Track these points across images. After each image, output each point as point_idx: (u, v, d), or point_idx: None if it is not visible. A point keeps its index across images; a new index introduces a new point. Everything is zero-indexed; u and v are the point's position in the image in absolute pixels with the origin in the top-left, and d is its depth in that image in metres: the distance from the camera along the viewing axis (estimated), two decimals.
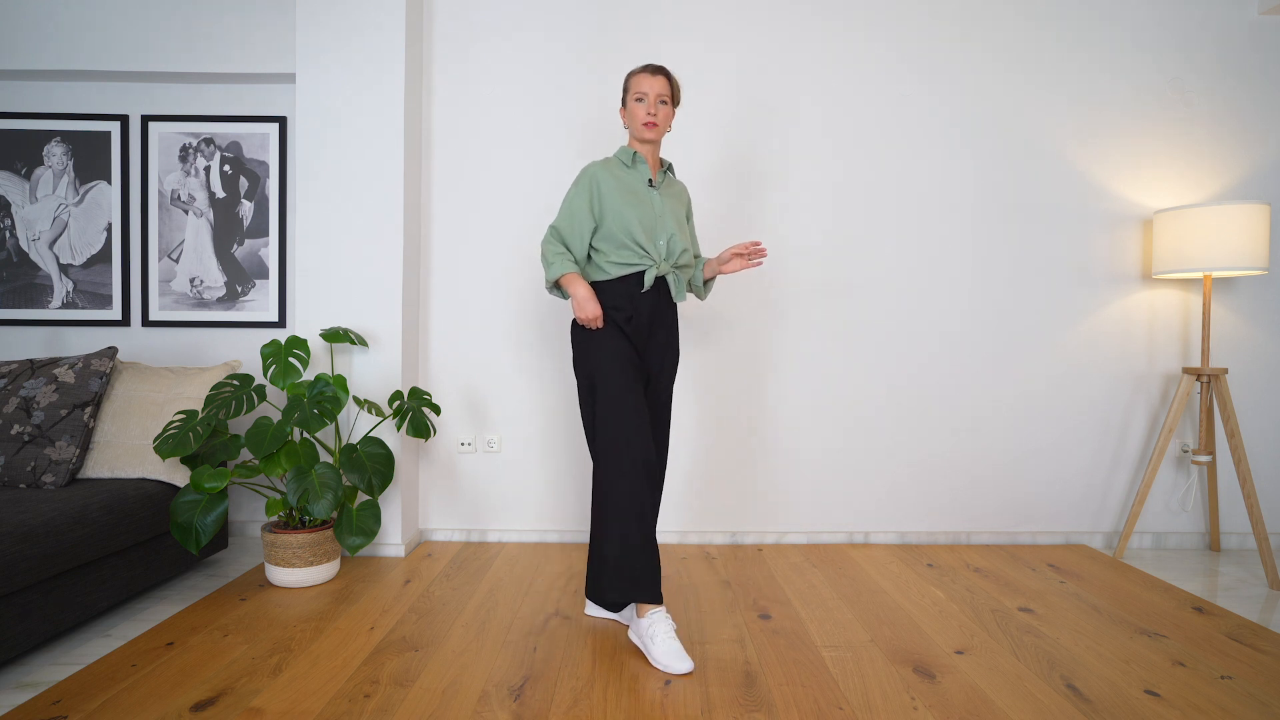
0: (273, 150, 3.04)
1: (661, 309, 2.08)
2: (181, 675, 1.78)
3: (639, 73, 2.06)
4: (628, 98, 2.08)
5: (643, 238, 2.01)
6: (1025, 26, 2.94)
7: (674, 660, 1.82)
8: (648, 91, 2.03)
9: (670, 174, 2.18)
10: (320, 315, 2.71)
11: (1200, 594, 2.47)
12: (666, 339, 2.11)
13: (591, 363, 2.00)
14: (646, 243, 2.01)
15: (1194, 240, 2.67)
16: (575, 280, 1.99)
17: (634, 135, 2.09)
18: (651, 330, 2.07)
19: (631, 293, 2.04)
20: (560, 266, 2.01)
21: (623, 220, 2.01)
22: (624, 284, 2.04)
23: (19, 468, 2.27)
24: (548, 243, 2.06)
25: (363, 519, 2.41)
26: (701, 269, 2.23)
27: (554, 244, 2.06)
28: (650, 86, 2.03)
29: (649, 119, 2.03)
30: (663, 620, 1.89)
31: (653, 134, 2.05)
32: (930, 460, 2.97)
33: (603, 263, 2.04)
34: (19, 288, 3.04)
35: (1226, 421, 2.70)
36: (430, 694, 1.70)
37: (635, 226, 2.00)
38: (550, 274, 2.03)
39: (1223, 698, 1.72)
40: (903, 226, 2.95)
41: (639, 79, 2.06)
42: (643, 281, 2.04)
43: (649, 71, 2.05)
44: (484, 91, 2.91)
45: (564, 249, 2.05)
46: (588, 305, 1.96)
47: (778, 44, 2.92)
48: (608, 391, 1.95)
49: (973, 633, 2.08)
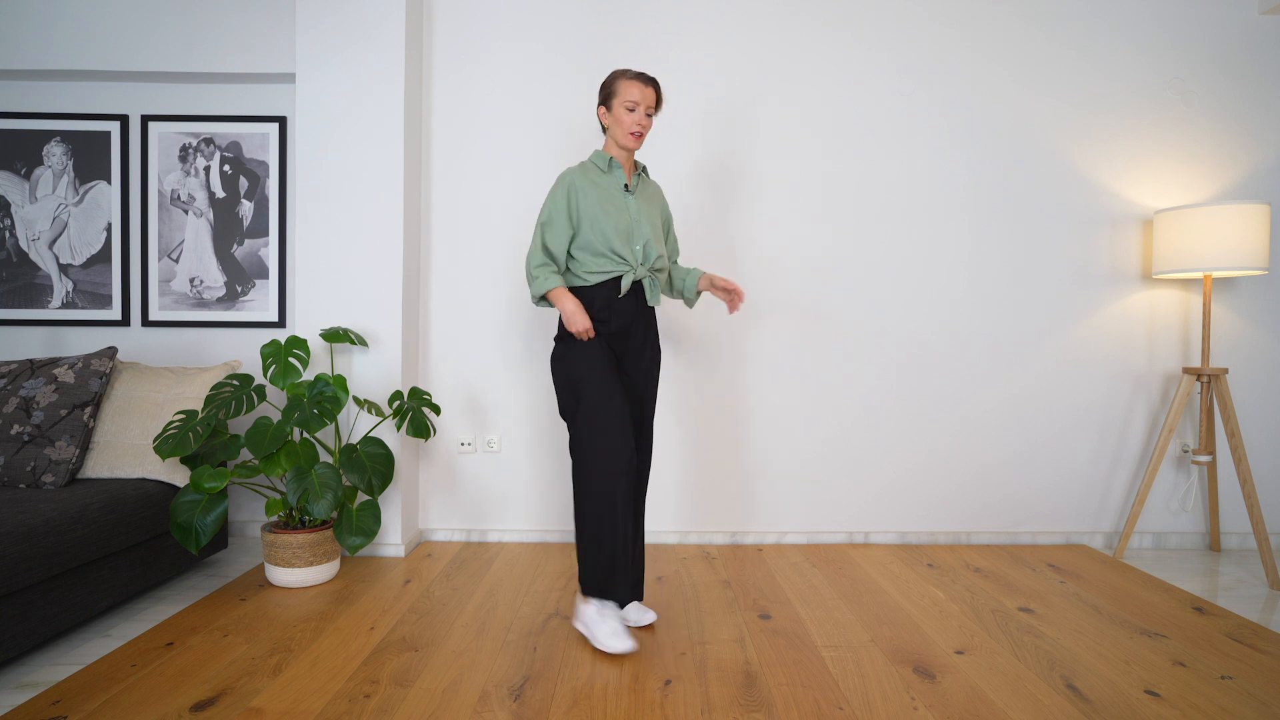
0: (273, 150, 3.04)
1: (639, 312, 2.09)
2: (181, 675, 1.78)
3: (631, 79, 2.01)
4: (614, 101, 2.03)
5: (619, 244, 2.01)
6: (1024, 27, 2.94)
7: (614, 640, 1.88)
8: (639, 101, 2.00)
9: (645, 176, 2.18)
10: (320, 315, 2.71)
11: (1200, 594, 2.47)
12: (644, 340, 2.11)
13: (571, 368, 2.01)
14: (623, 249, 2.02)
15: (1194, 240, 2.66)
16: (563, 295, 1.99)
17: (616, 140, 2.06)
18: (630, 333, 2.08)
19: (610, 298, 2.04)
20: (545, 281, 2.01)
21: (599, 228, 2.01)
22: (602, 289, 2.04)
23: (19, 468, 2.27)
24: (533, 254, 2.06)
25: (363, 519, 2.41)
26: (695, 280, 2.22)
27: (538, 254, 2.05)
28: (643, 96, 2.00)
29: (637, 129, 2.02)
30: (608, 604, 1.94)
31: (637, 144, 2.05)
32: (930, 460, 2.97)
33: (580, 270, 2.05)
34: (19, 288, 3.04)
35: (1227, 421, 2.70)
36: (430, 694, 1.70)
37: (611, 234, 2.01)
38: (536, 289, 2.03)
39: (1223, 698, 1.72)
40: (904, 227, 2.95)
41: (631, 86, 2.00)
42: (619, 287, 2.04)
43: (642, 81, 2.01)
44: (484, 90, 2.91)
45: (548, 260, 2.05)
46: (578, 319, 1.97)
47: (777, 47, 2.92)
48: (589, 396, 1.96)
49: (973, 633, 2.08)
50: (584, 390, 1.97)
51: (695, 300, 2.28)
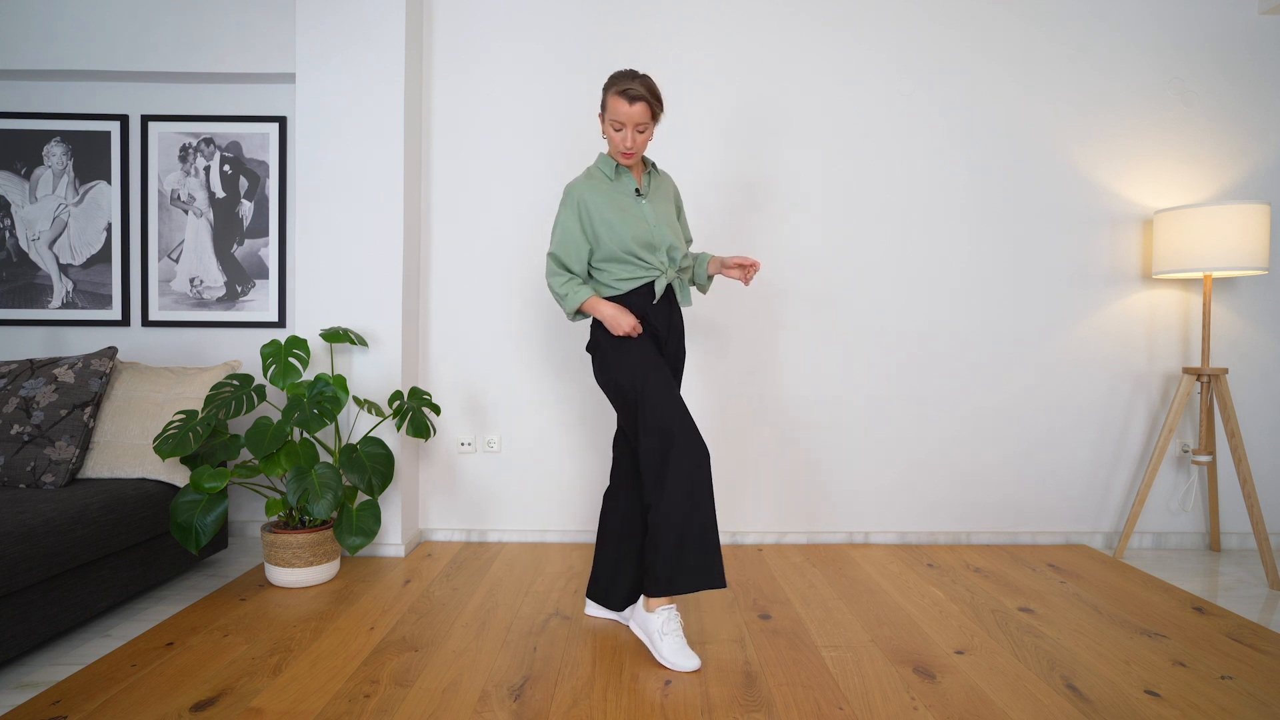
0: (272, 150, 3.04)
1: (672, 315, 2.08)
2: (181, 675, 1.78)
3: (616, 95, 1.91)
4: (605, 116, 1.97)
5: (642, 251, 1.97)
6: (1025, 27, 2.94)
7: (683, 659, 1.82)
8: (625, 122, 1.91)
9: (654, 171, 2.11)
10: (320, 315, 2.71)
11: (1200, 594, 2.47)
12: (678, 343, 2.11)
13: (625, 371, 1.94)
14: (647, 255, 1.98)
15: (1194, 240, 2.66)
16: (598, 302, 1.96)
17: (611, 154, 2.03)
18: (666, 337, 2.06)
19: (644, 304, 2.01)
20: (576, 295, 1.97)
21: (618, 237, 1.96)
22: (636, 296, 2.01)
23: (19, 468, 2.27)
24: (552, 275, 2.02)
25: (363, 519, 2.41)
26: (705, 264, 2.17)
27: (559, 274, 2.01)
28: (628, 117, 1.90)
29: (627, 149, 1.95)
30: (675, 617, 1.89)
31: (631, 161, 2.00)
32: (930, 460, 2.97)
33: (609, 280, 2.01)
34: (19, 288, 3.04)
35: (1227, 421, 2.70)
36: (430, 694, 1.70)
37: (632, 242, 1.96)
38: (569, 305, 1.99)
39: (1223, 698, 1.72)
40: (902, 226, 2.95)
41: (616, 104, 1.90)
42: (653, 292, 2.01)
43: (627, 99, 1.89)
44: (484, 90, 2.91)
45: (569, 275, 2.01)
46: (622, 320, 1.93)
47: (777, 51, 2.92)
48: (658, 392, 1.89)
49: (973, 633, 2.08)
50: (651, 387, 1.90)
51: (709, 285, 2.23)
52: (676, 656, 1.83)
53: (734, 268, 2.10)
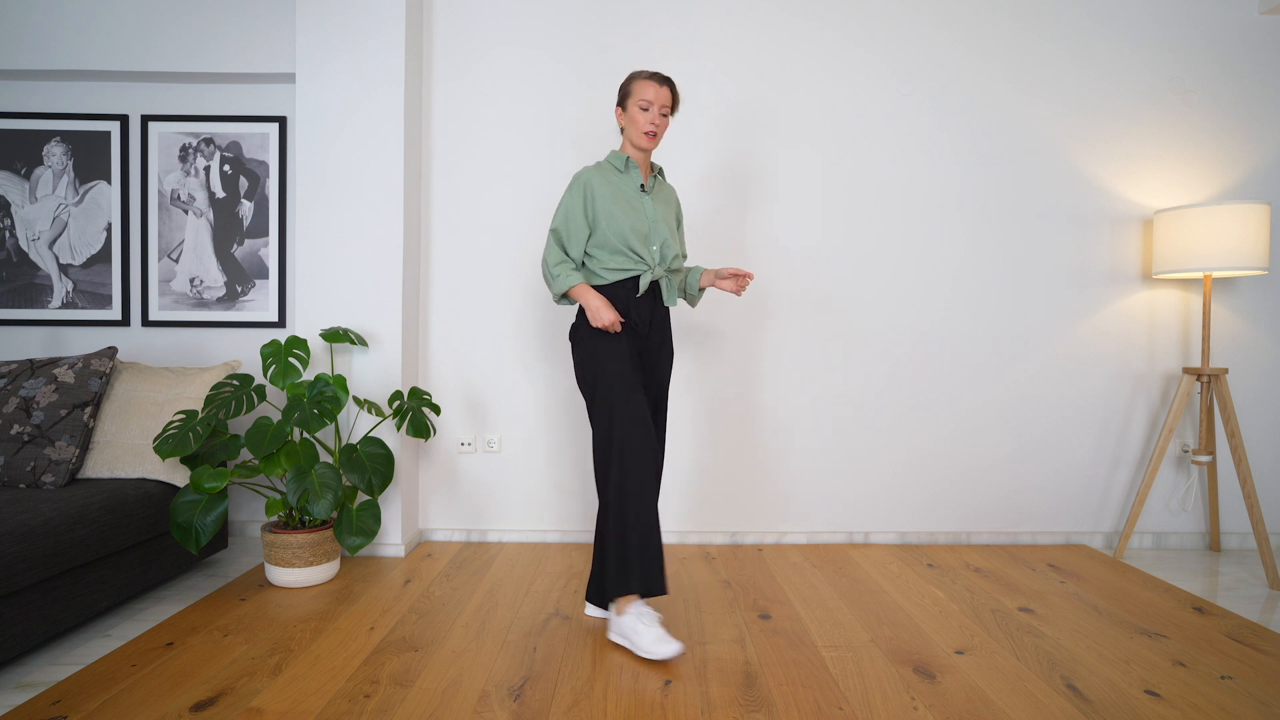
0: (272, 150, 3.04)
1: (656, 312, 2.11)
2: (181, 675, 1.78)
3: (645, 79, 2.02)
4: (629, 101, 2.04)
5: (637, 244, 2.02)
6: (1024, 28, 2.94)
7: (663, 646, 1.84)
8: (653, 100, 2.00)
9: (660, 178, 2.19)
10: (320, 315, 2.71)
11: (1200, 594, 2.47)
12: (661, 340, 2.14)
13: (597, 366, 2.00)
14: (641, 248, 2.03)
15: (1194, 240, 2.67)
16: (585, 290, 2.00)
17: (631, 140, 2.07)
18: (649, 333, 2.10)
19: (628, 297, 2.05)
20: (566, 279, 2.02)
21: (617, 227, 2.02)
22: (621, 288, 2.05)
23: (19, 468, 2.27)
24: (550, 252, 2.06)
25: (363, 519, 2.41)
26: (698, 277, 2.22)
27: (555, 252, 2.06)
28: (656, 96, 2.00)
29: (651, 128, 2.02)
30: (646, 611, 1.92)
31: (652, 144, 2.05)
32: (930, 460, 2.97)
33: (598, 268, 2.06)
34: (19, 288, 3.04)
35: (1227, 421, 2.70)
36: (430, 694, 1.70)
37: (629, 233, 2.02)
38: (557, 287, 2.04)
39: (1223, 698, 1.72)
40: (902, 227, 2.95)
41: (645, 85, 2.01)
42: (638, 286, 2.05)
43: (656, 80, 2.01)
44: (484, 91, 2.91)
45: (565, 258, 2.06)
46: (604, 313, 1.97)
47: (776, 53, 2.92)
48: (616, 394, 1.95)
49: (973, 633, 2.08)
50: (612, 388, 1.96)
51: (699, 298, 2.29)
52: (656, 646, 1.85)
53: (727, 279, 2.15)
